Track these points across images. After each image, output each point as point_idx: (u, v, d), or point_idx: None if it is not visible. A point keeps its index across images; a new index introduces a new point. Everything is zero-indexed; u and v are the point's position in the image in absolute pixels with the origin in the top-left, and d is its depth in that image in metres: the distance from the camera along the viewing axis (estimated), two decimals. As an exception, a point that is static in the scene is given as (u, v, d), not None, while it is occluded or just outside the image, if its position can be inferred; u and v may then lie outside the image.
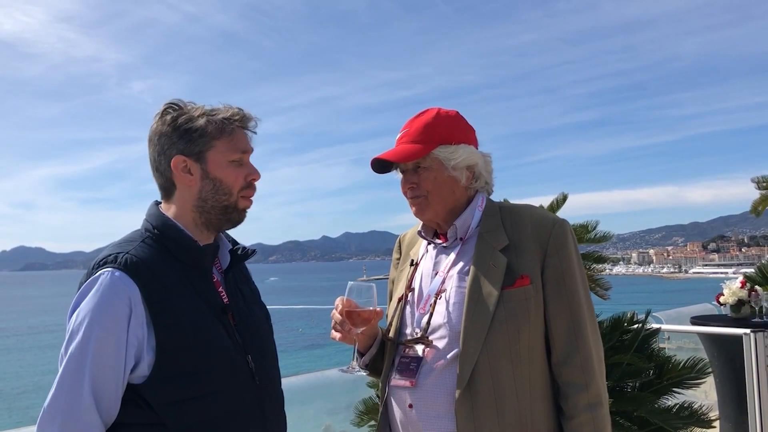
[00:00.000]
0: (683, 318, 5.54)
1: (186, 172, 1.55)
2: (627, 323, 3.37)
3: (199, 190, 1.56)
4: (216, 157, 1.56)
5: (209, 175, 1.56)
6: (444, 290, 1.67)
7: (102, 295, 1.41)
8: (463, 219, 1.72)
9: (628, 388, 3.21)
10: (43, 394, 1.41)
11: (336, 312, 1.67)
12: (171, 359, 1.42)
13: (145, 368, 1.42)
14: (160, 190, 1.62)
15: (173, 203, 1.60)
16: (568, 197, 3.77)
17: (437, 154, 1.68)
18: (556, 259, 1.61)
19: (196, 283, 1.53)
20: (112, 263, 1.44)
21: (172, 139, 1.54)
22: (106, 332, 1.39)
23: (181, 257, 1.53)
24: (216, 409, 1.47)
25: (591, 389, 1.57)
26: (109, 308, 1.40)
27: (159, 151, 1.56)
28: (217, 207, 1.58)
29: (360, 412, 3.52)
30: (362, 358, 1.78)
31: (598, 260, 3.72)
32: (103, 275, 1.43)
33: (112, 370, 1.40)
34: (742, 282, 4.90)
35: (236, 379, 1.52)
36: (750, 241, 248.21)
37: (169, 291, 1.46)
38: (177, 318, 1.45)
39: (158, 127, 1.56)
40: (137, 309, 1.41)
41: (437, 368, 1.60)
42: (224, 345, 1.51)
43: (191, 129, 1.54)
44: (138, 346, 1.42)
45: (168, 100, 1.59)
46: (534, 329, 1.58)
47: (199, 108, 1.57)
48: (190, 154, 1.54)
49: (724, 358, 4.46)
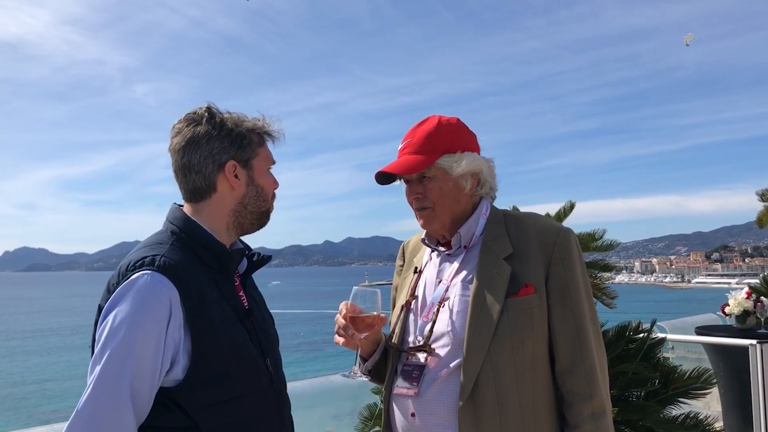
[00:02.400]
0: (688, 328, 5.51)
1: (235, 177, 1.59)
2: (632, 332, 3.36)
3: (243, 196, 1.60)
4: (260, 164, 1.63)
5: (254, 182, 1.61)
6: (447, 298, 1.66)
7: (143, 296, 1.39)
8: (467, 227, 1.71)
9: (633, 397, 3.20)
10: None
11: (340, 317, 1.66)
12: (205, 363, 1.43)
13: (179, 372, 1.42)
14: (192, 192, 1.60)
15: (205, 206, 1.60)
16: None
17: (441, 163, 1.67)
18: (560, 267, 1.60)
19: (222, 288, 1.54)
20: (150, 265, 1.43)
21: (224, 143, 1.57)
22: (147, 334, 1.38)
23: (209, 261, 1.54)
24: (245, 412, 1.49)
25: (595, 399, 1.56)
26: (150, 310, 1.39)
27: (206, 154, 1.56)
28: (255, 213, 1.63)
29: (364, 418, 3.51)
30: (365, 364, 1.78)
31: (604, 269, 3.71)
32: (142, 277, 1.41)
33: (149, 373, 1.39)
34: (747, 293, 4.88)
35: (260, 382, 1.54)
36: (753, 252, 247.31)
37: (204, 294, 1.47)
38: (211, 322, 1.46)
39: (206, 130, 1.57)
40: (176, 312, 1.42)
41: (440, 377, 1.59)
42: (250, 349, 1.53)
43: (241, 135, 1.59)
44: (174, 349, 1.42)
45: (205, 104, 1.61)
46: (538, 338, 1.57)
47: (235, 115, 1.62)
48: (240, 160, 1.59)
49: (729, 368, 4.43)
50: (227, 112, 1.62)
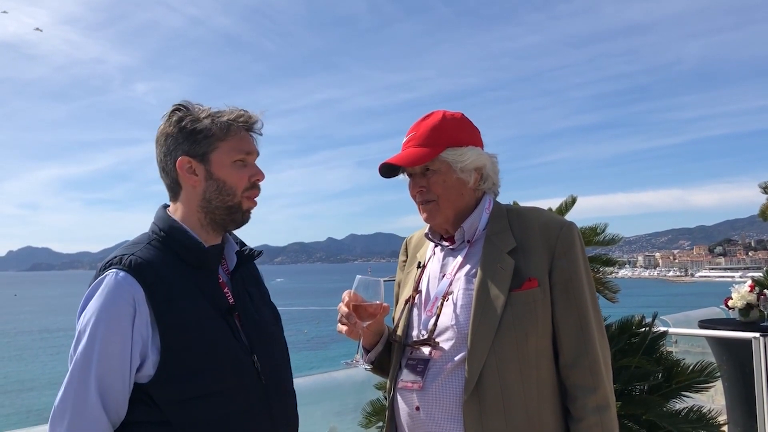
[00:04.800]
0: (691, 322, 5.51)
1: (191, 172, 1.58)
2: (635, 326, 3.36)
3: (203, 191, 1.59)
4: (220, 158, 1.58)
5: (213, 176, 1.59)
6: (451, 292, 1.67)
7: (107, 295, 1.44)
8: (470, 221, 1.71)
9: (636, 391, 3.20)
10: (52, 395, 1.43)
11: (342, 305, 1.67)
12: (175, 359, 1.45)
13: (151, 367, 1.45)
14: (168, 191, 1.65)
15: (180, 204, 1.62)
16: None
17: (445, 156, 1.67)
18: (563, 261, 1.60)
19: (202, 285, 1.55)
20: (117, 264, 1.48)
21: (178, 140, 1.57)
22: (111, 331, 1.43)
23: (186, 259, 1.55)
24: (221, 408, 1.48)
25: (599, 392, 1.57)
26: (113, 308, 1.44)
27: (165, 152, 1.59)
28: (222, 207, 1.60)
29: (367, 413, 3.52)
30: (368, 355, 1.78)
31: (606, 263, 3.71)
32: (108, 276, 1.46)
33: (118, 369, 1.43)
34: (750, 286, 4.88)
35: (242, 378, 1.54)
36: (757, 245, 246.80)
37: (174, 292, 1.49)
38: (181, 318, 1.47)
39: (165, 128, 1.59)
40: (141, 309, 1.45)
41: (445, 371, 1.60)
42: (229, 345, 1.53)
43: (196, 130, 1.56)
44: (143, 345, 1.45)
45: (176, 102, 1.61)
46: (542, 332, 1.58)
47: (205, 110, 1.60)
48: (194, 155, 1.57)
49: (732, 362, 4.44)
50: (201, 107, 1.60)
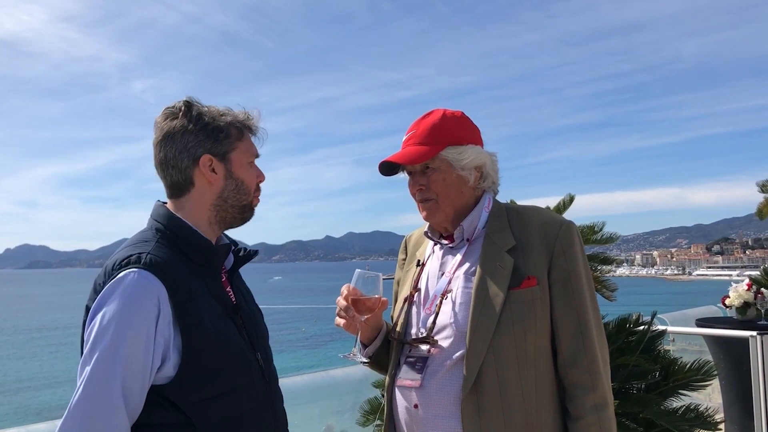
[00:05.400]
0: (688, 320, 5.52)
1: (211, 171, 1.57)
2: (633, 325, 3.36)
3: (221, 189, 1.59)
4: (238, 157, 1.60)
5: (233, 175, 1.59)
6: (450, 290, 1.67)
7: (131, 295, 1.38)
8: (470, 220, 1.71)
9: (634, 390, 3.20)
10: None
11: (341, 298, 1.67)
12: (196, 359, 1.43)
13: (171, 369, 1.42)
14: (171, 187, 1.60)
15: (186, 201, 1.59)
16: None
17: (446, 155, 1.68)
18: (562, 260, 1.61)
19: (209, 283, 1.54)
20: (137, 263, 1.42)
21: (199, 137, 1.55)
22: (136, 333, 1.37)
23: (194, 257, 1.53)
24: (237, 407, 1.49)
25: (597, 390, 1.57)
26: (138, 308, 1.38)
27: (181, 149, 1.55)
28: (237, 206, 1.61)
29: (365, 411, 3.51)
30: (366, 350, 1.79)
31: (604, 261, 3.71)
32: (129, 275, 1.40)
33: (140, 371, 1.38)
34: (748, 284, 4.89)
35: (251, 377, 1.54)
36: (754, 244, 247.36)
37: (192, 291, 1.46)
38: (200, 318, 1.45)
39: (182, 124, 1.55)
40: (165, 309, 1.41)
41: (443, 368, 1.60)
42: (239, 344, 1.53)
43: (218, 128, 1.56)
44: (165, 346, 1.41)
45: (184, 98, 1.59)
46: (540, 330, 1.58)
47: (214, 109, 1.59)
48: (216, 154, 1.57)
49: (730, 360, 4.44)
50: (208, 106, 1.60)
